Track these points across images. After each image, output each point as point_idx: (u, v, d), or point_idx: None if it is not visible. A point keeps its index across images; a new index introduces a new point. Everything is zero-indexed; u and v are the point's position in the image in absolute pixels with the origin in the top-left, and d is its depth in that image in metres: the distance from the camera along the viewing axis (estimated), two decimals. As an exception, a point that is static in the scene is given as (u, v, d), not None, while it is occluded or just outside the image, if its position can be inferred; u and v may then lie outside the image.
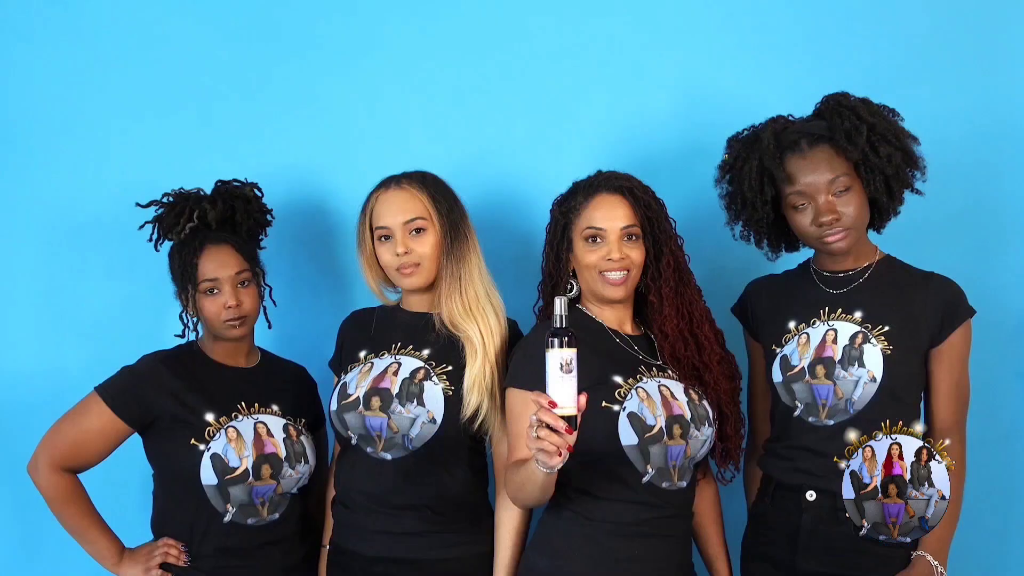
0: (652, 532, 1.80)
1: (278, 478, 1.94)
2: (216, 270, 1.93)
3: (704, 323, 1.91)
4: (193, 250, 1.94)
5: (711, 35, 2.36)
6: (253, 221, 2.06)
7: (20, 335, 2.38)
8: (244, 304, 1.95)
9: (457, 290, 1.90)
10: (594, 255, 1.86)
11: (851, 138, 1.81)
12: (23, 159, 2.38)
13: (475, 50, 2.37)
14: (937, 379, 1.85)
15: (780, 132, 1.88)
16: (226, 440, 1.91)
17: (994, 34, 2.33)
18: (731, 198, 1.97)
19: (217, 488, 1.89)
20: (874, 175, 1.83)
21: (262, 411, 1.98)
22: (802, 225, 1.86)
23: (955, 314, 1.83)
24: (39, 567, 2.40)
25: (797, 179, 1.84)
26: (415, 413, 1.87)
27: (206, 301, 1.94)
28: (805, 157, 1.84)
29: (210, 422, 1.91)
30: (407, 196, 1.93)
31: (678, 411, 1.82)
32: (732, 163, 1.94)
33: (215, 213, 1.98)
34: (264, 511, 1.94)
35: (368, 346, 1.99)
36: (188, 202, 1.99)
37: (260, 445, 1.93)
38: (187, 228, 1.96)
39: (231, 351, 2.02)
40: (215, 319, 1.94)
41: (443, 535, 1.89)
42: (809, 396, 1.87)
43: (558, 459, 1.55)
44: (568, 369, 1.55)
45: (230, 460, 1.90)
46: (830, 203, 1.82)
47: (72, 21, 2.37)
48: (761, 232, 1.98)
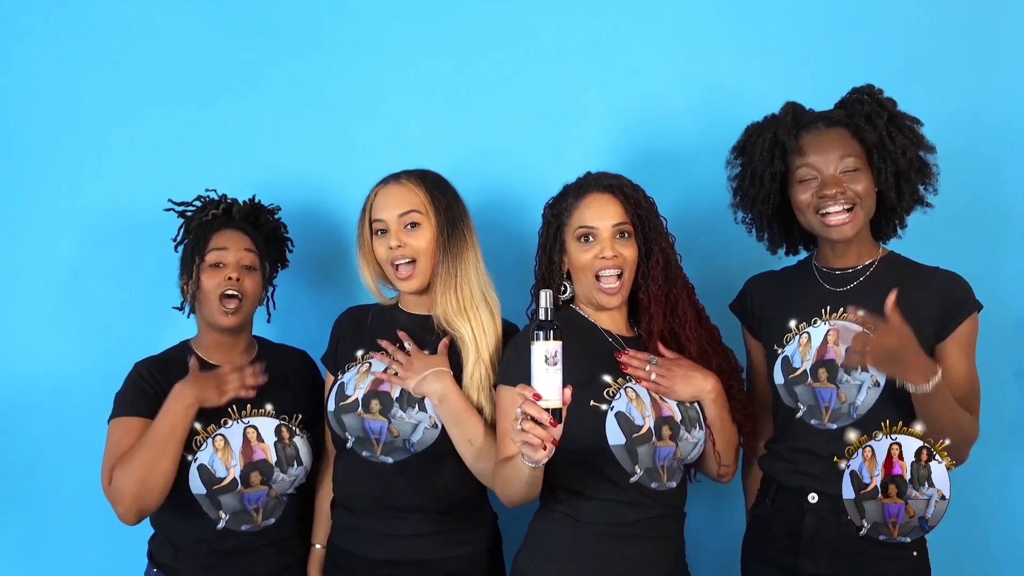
0: (642, 533, 1.80)
1: (269, 483, 1.93)
2: (226, 243, 1.97)
3: (686, 323, 1.90)
4: (209, 227, 1.99)
5: (711, 35, 2.36)
6: (273, 232, 2.12)
7: (21, 336, 2.38)
8: (244, 283, 1.95)
9: (452, 287, 1.89)
10: (587, 254, 1.86)
11: (871, 119, 1.82)
12: (23, 160, 2.38)
13: (475, 50, 2.38)
14: (944, 374, 1.77)
15: (799, 112, 1.90)
16: (212, 450, 1.90)
17: (994, 34, 2.33)
18: (740, 176, 1.97)
19: (207, 496, 1.89)
20: (886, 164, 1.83)
21: (254, 413, 1.96)
22: (803, 200, 1.85)
23: (961, 308, 1.81)
24: (40, 567, 2.39)
25: (808, 152, 1.84)
26: (417, 419, 1.87)
27: (208, 276, 1.94)
28: (821, 133, 1.85)
29: (197, 430, 1.89)
30: (404, 191, 1.93)
31: (667, 412, 1.82)
32: (745, 142, 1.95)
33: (241, 210, 2.05)
34: (259, 516, 1.93)
35: (365, 345, 1.98)
36: (218, 199, 2.06)
37: (249, 452, 1.92)
38: (211, 214, 2.01)
39: (226, 346, 2.00)
40: (212, 294, 1.94)
41: (449, 534, 1.89)
42: (812, 399, 1.86)
43: (543, 453, 1.55)
44: (553, 362, 1.55)
45: (216, 471, 1.89)
46: (836, 178, 1.81)
47: (72, 21, 2.38)
48: (763, 215, 1.95)
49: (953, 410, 1.73)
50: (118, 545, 2.29)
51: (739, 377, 1.97)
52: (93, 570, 2.39)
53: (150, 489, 1.80)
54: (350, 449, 1.91)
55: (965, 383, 1.81)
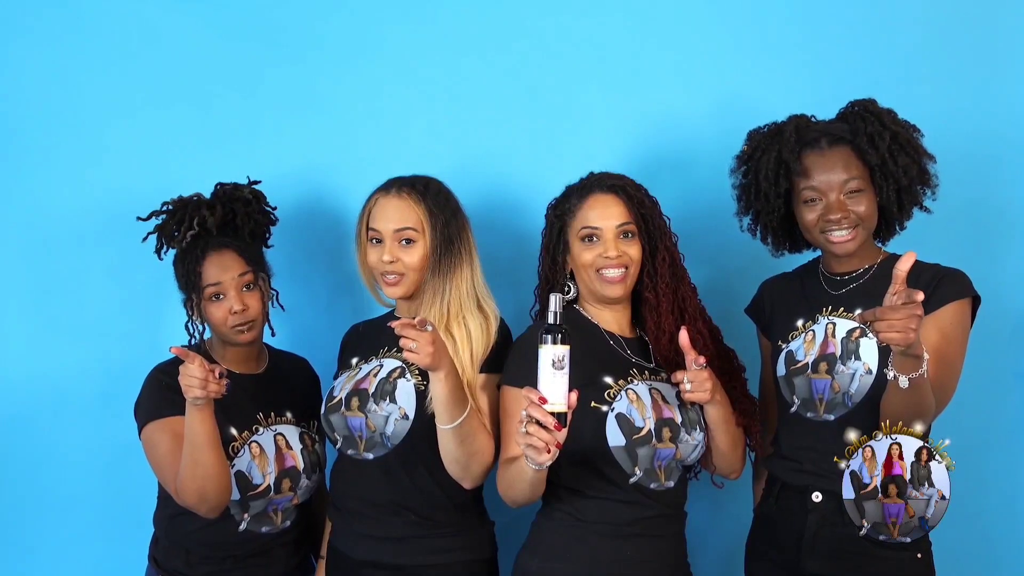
0: (643, 532, 1.81)
1: (296, 490, 1.96)
2: (219, 275, 1.93)
3: (696, 321, 1.91)
4: (195, 257, 1.94)
5: (711, 36, 2.35)
6: (254, 223, 2.05)
7: (16, 339, 2.37)
8: (250, 308, 1.94)
9: (438, 303, 1.89)
10: (591, 253, 1.87)
11: (873, 142, 1.83)
12: (18, 160, 2.37)
13: (475, 50, 2.37)
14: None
15: (802, 128, 1.90)
16: (250, 456, 1.92)
17: (994, 34, 2.33)
18: (745, 189, 1.98)
19: (238, 502, 1.90)
20: (888, 183, 1.85)
21: (279, 421, 1.99)
22: (809, 221, 1.88)
23: (947, 291, 1.80)
24: (40, 567, 2.39)
25: (812, 174, 1.86)
26: (388, 410, 1.87)
27: (212, 307, 1.93)
28: (823, 154, 1.86)
29: (234, 436, 1.92)
30: (403, 205, 1.92)
31: (668, 414, 1.82)
32: (750, 154, 1.96)
33: (215, 219, 1.97)
34: (278, 519, 1.97)
35: (359, 353, 2.01)
36: (188, 209, 1.98)
37: (281, 460, 1.95)
38: (188, 236, 1.95)
39: (242, 356, 2.02)
40: (222, 325, 1.93)
41: (428, 540, 1.88)
42: (807, 391, 1.87)
43: (546, 456, 1.56)
44: (560, 366, 1.56)
45: (254, 478, 1.91)
46: (840, 202, 1.84)
47: (71, 21, 2.37)
48: (769, 226, 1.99)
49: (922, 404, 1.70)
50: (118, 545, 2.30)
51: (741, 378, 1.97)
52: (93, 570, 2.39)
53: (207, 490, 1.80)
54: (339, 449, 1.94)
55: (935, 369, 1.71)
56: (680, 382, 1.79)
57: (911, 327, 1.54)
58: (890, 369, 1.64)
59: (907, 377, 1.62)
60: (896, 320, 1.54)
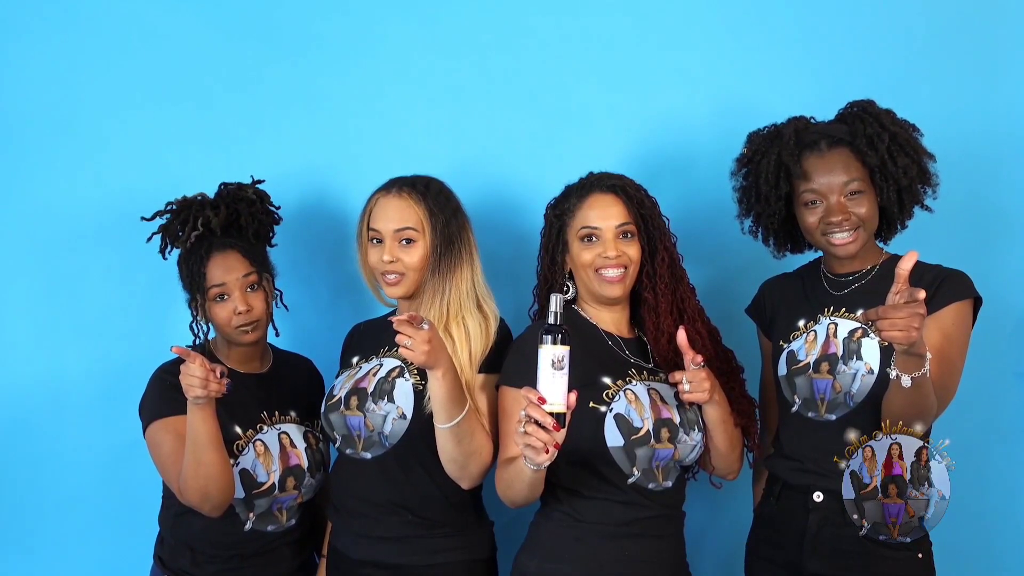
0: (641, 532, 1.81)
1: (300, 488, 1.97)
2: (223, 275, 1.93)
3: (696, 322, 1.91)
4: (200, 258, 1.94)
5: (712, 36, 2.35)
6: (258, 223, 2.06)
7: (18, 339, 2.37)
8: (254, 308, 1.95)
9: (436, 304, 1.89)
10: (590, 253, 1.87)
11: (872, 143, 1.83)
12: (20, 160, 2.38)
13: (475, 50, 2.37)
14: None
15: (801, 130, 1.91)
16: (255, 454, 1.93)
17: (994, 34, 2.33)
18: (746, 192, 1.99)
19: (243, 500, 1.91)
20: (888, 184, 1.85)
21: (283, 420, 2.00)
22: (810, 223, 1.88)
23: (950, 290, 1.81)
24: (40, 567, 2.39)
25: (812, 177, 1.86)
26: (386, 410, 1.88)
27: (216, 308, 1.94)
28: (823, 156, 1.86)
29: (238, 435, 1.92)
30: (404, 205, 1.92)
31: (667, 415, 1.82)
32: (750, 157, 1.96)
33: (219, 219, 1.97)
34: (283, 517, 1.97)
35: (360, 352, 2.01)
36: (192, 209, 1.98)
37: (286, 458, 1.96)
38: (192, 236, 1.96)
39: (246, 356, 2.03)
40: (226, 326, 1.94)
41: (425, 540, 1.88)
42: (808, 391, 1.87)
43: (545, 456, 1.57)
44: (560, 366, 1.56)
45: (259, 476, 1.92)
46: (841, 204, 1.84)
47: (71, 20, 2.37)
48: (771, 228, 1.99)
49: (924, 404, 1.70)
50: (122, 545, 2.30)
51: (739, 379, 1.97)
52: (97, 570, 2.39)
53: (210, 489, 1.80)
54: (339, 448, 1.95)
55: (936, 370, 1.71)
56: (678, 382, 1.79)
57: (914, 326, 1.54)
58: (892, 368, 1.64)
59: (909, 376, 1.62)
60: (899, 319, 1.55)
